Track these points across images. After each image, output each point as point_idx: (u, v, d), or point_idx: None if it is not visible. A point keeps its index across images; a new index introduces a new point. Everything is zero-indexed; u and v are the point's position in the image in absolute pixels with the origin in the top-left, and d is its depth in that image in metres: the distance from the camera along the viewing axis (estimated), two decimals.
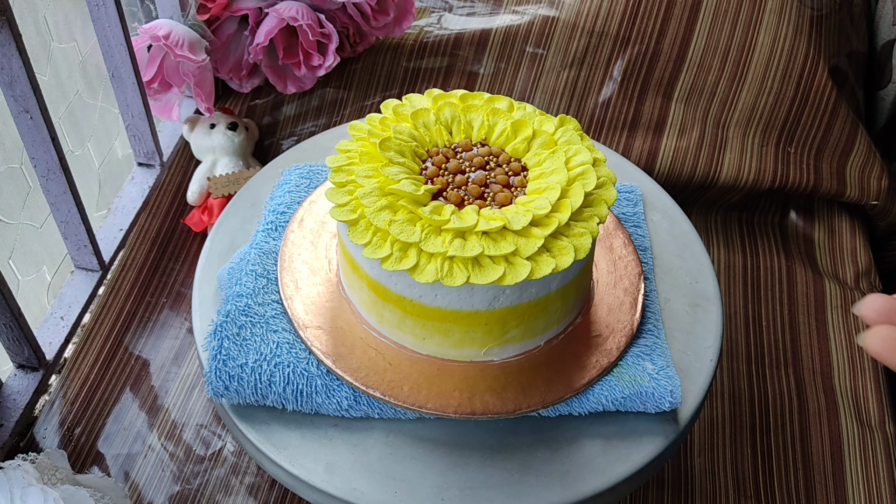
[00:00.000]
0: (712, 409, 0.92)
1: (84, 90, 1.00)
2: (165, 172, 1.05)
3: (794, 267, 1.06)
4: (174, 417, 0.87)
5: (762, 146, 1.09)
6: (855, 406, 0.93)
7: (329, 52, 1.03)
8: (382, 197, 0.60)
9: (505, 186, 0.62)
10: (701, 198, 1.10)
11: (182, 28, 0.97)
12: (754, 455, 0.89)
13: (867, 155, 1.10)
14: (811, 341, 0.99)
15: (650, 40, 1.09)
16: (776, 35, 1.10)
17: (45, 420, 0.86)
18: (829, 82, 1.09)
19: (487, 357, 0.65)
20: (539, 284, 0.60)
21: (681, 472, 0.87)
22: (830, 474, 0.88)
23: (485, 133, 0.66)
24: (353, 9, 1.03)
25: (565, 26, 1.10)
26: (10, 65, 0.74)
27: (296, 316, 0.67)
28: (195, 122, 1.05)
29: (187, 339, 0.93)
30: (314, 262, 0.71)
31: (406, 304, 0.61)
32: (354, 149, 0.64)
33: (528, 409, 0.62)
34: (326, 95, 1.09)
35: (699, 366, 0.68)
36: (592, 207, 0.61)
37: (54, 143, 0.80)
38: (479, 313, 0.61)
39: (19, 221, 0.91)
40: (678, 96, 1.09)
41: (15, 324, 0.79)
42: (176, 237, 1.02)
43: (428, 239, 0.58)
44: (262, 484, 0.83)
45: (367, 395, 0.63)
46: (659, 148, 1.07)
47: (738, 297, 1.02)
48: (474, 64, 1.11)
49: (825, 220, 1.11)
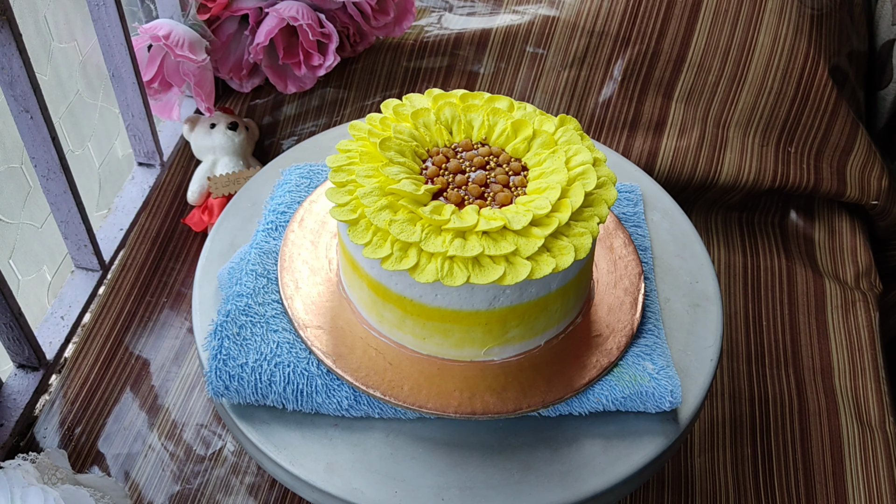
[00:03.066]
0: (712, 409, 0.92)
1: (84, 90, 1.00)
2: (166, 172, 1.05)
3: (795, 267, 1.06)
4: (174, 417, 0.87)
5: (762, 146, 1.09)
6: (855, 406, 0.93)
7: (329, 51, 1.03)
8: (383, 197, 0.60)
9: (505, 186, 0.62)
10: (701, 198, 1.10)
11: (182, 28, 0.97)
12: (754, 455, 0.89)
13: (867, 155, 1.10)
14: (811, 341, 0.99)
15: (650, 40, 1.09)
16: (776, 35, 1.10)
17: (46, 420, 0.86)
18: (829, 82, 1.09)
19: (487, 357, 0.65)
20: (539, 284, 0.60)
21: (681, 472, 0.87)
22: (831, 474, 0.88)
23: (485, 133, 0.66)
24: (354, 8, 1.03)
25: (566, 26, 1.10)
26: (10, 64, 0.74)
27: (296, 316, 0.67)
28: (195, 121, 1.05)
29: (187, 339, 0.93)
30: (314, 262, 0.71)
31: (406, 303, 0.61)
32: (355, 149, 0.64)
33: (529, 409, 0.62)
34: (327, 95, 1.09)
35: (699, 366, 0.68)
36: (593, 207, 0.61)
37: (55, 143, 0.80)
38: (479, 313, 0.61)
39: (20, 221, 0.91)
40: (678, 96, 1.09)
41: (15, 323, 0.79)
42: (176, 237, 1.02)
43: (428, 239, 0.58)
44: (263, 484, 0.83)
45: (368, 395, 0.63)
46: (659, 148, 1.07)
47: (739, 297, 1.02)
48: (474, 64, 1.11)
49: (825, 219, 1.11)
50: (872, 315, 1.01)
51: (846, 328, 1.00)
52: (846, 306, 1.02)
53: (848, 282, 1.05)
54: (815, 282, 1.04)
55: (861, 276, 1.06)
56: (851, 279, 1.05)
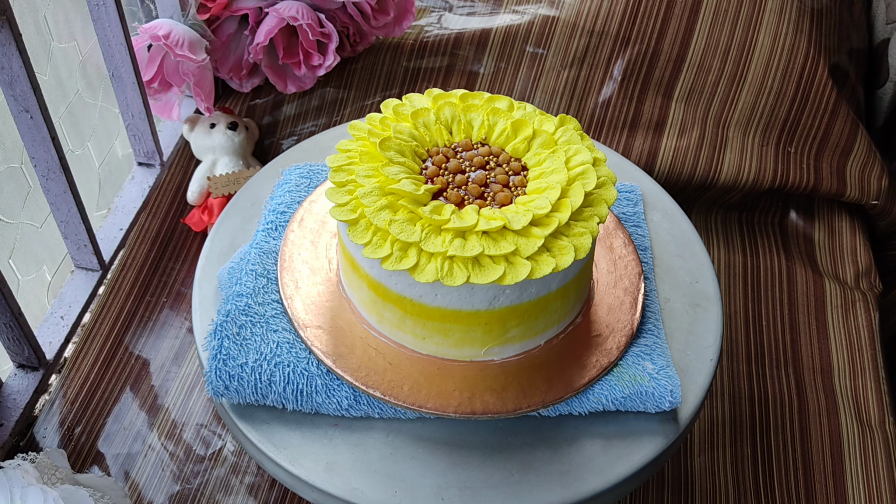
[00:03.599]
0: (712, 409, 0.92)
1: (84, 90, 1.00)
2: (165, 172, 1.05)
3: (795, 267, 1.06)
4: (174, 417, 0.87)
5: (762, 146, 1.09)
6: (855, 406, 0.93)
7: (329, 51, 1.03)
8: (382, 196, 0.60)
9: (505, 186, 0.62)
10: (701, 197, 1.10)
11: (182, 28, 0.97)
12: (754, 455, 0.89)
13: (867, 154, 1.10)
14: (811, 341, 0.99)
15: (650, 40, 1.09)
16: (776, 34, 1.10)
17: (45, 419, 0.86)
18: (829, 81, 1.09)
19: (487, 357, 0.65)
20: (539, 284, 0.60)
21: (681, 472, 0.87)
22: (830, 474, 0.88)
23: (485, 133, 0.66)
24: (354, 8, 1.03)
25: (565, 26, 1.10)
26: (10, 64, 0.74)
27: (296, 316, 0.67)
28: (195, 121, 1.05)
29: (187, 339, 0.93)
30: (314, 262, 0.71)
31: (406, 303, 0.61)
32: (354, 148, 0.64)
33: (529, 409, 0.62)
34: (326, 95, 1.09)
35: (699, 366, 0.68)
36: (592, 207, 0.61)
37: (54, 143, 0.80)
38: (479, 313, 0.61)
39: (19, 221, 0.91)
40: (678, 96, 1.09)
41: (15, 323, 0.79)
42: (176, 237, 1.02)
43: (428, 238, 0.58)
44: (262, 484, 0.83)
45: (368, 395, 0.63)
46: (659, 148, 1.07)
47: (738, 297, 1.02)
48: (474, 64, 1.11)
49: (825, 219, 1.11)
50: (872, 315, 1.01)
51: (846, 328, 1.00)
52: (846, 306, 1.02)
53: (848, 282, 1.05)
54: (814, 282, 1.04)
55: (861, 276, 1.06)
56: (851, 279, 1.05)
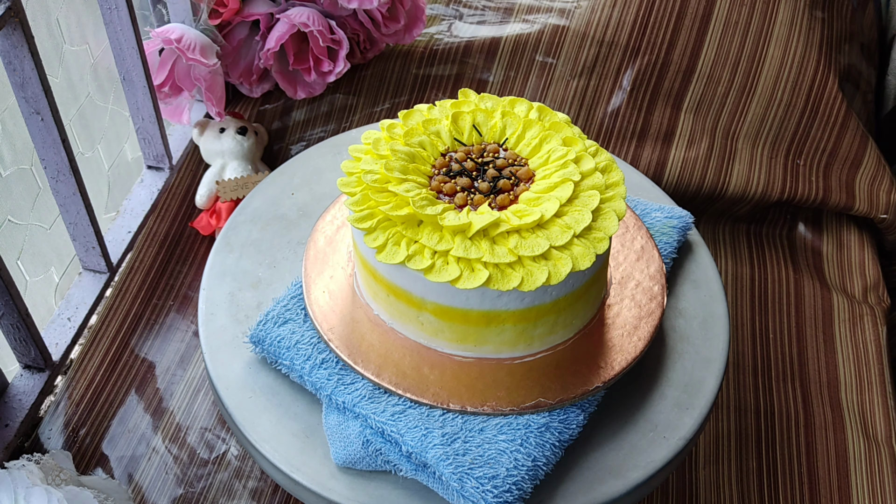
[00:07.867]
0: (718, 422, 0.91)
1: (95, 93, 1.01)
2: (174, 175, 1.06)
3: (802, 279, 1.05)
4: (179, 420, 0.87)
5: (771, 158, 1.08)
6: (861, 421, 0.92)
7: (339, 58, 1.03)
8: (400, 216, 0.60)
9: (515, 187, 0.63)
10: (709, 209, 1.09)
11: (194, 32, 0.97)
12: (759, 468, 0.88)
13: (876, 168, 1.10)
14: (818, 355, 0.98)
15: (660, 50, 1.09)
16: (787, 47, 1.09)
17: (51, 421, 0.87)
18: (839, 94, 1.09)
19: (510, 355, 0.65)
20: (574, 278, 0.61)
21: (685, 484, 0.86)
22: (836, 489, 0.87)
23: (497, 136, 0.67)
24: (364, 15, 1.04)
25: (575, 35, 1.11)
26: (22, 66, 0.74)
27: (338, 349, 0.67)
28: (205, 125, 1.05)
29: (193, 343, 0.93)
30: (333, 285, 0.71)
31: (441, 310, 0.62)
32: (359, 173, 0.64)
33: (538, 409, 0.62)
34: (336, 101, 1.10)
35: (705, 377, 0.68)
36: (612, 202, 0.62)
37: (65, 145, 0.80)
38: (497, 313, 0.61)
39: (28, 222, 0.91)
40: (687, 107, 1.09)
41: (22, 324, 0.79)
42: (184, 240, 1.02)
43: (464, 246, 0.59)
44: (266, 489, 0.83)
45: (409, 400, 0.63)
46: (668, 158, 1.07)
47: (746, 309, 1.02)
48: (484, 72, 1.11)
49: (834, 233, 1.11)
50: (880, 329, 1.00)
51: (853, 342, 0.99)
52: (853, 320, 1.01)
53: (856, 295, 1.05)
54: (822, 295, 1.04)
55: (869, 290, 1.05)
56: (859, 293, 1.05)
